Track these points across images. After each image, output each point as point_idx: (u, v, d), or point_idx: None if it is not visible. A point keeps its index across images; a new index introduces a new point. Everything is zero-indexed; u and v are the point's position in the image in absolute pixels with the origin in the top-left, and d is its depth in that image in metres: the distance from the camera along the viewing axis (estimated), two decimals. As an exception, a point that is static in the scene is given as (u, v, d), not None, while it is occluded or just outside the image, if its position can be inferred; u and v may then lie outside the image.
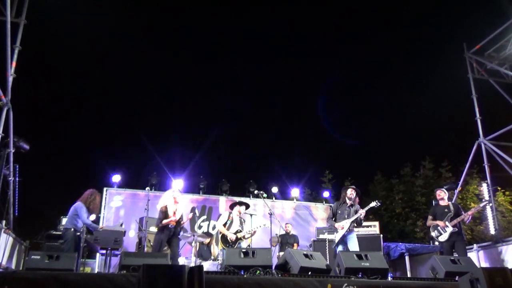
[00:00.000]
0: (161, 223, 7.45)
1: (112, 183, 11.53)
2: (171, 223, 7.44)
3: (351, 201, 7.84)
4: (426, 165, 18.39)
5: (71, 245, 7.28)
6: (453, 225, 7.70)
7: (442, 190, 8.26)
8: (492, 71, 13.01)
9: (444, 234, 7.74)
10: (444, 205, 8.06)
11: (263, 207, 11.99)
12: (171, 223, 7.43)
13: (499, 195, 16.31)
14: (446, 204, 8.04)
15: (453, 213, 7.82)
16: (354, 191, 7.92)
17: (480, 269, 4.71)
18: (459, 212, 7.89)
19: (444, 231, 7.74)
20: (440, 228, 7.80)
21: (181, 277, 3.78)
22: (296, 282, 4.90)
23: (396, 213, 17.69)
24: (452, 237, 7.68)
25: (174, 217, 7.46)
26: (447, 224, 7.74)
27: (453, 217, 7.79)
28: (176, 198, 7.70)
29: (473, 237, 15.59)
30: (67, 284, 4.34)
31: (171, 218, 7.44)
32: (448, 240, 7.69)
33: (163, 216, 7.49)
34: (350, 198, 7.84)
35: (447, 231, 7.71)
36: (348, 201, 7.83)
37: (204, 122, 25.83)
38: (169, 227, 7.44)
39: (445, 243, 7.73)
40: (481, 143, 12.21)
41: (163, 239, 7.38)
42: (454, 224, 7.70)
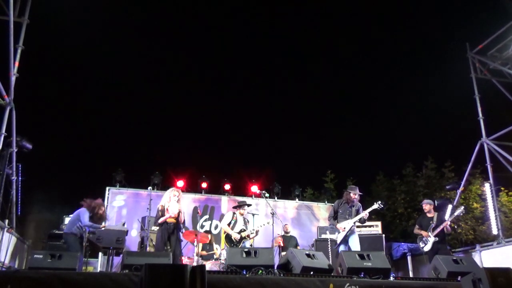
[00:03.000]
0: (158, 221, 7.54)
1: (115, 182, 11.56)
2: (168, 220, 7.47)
3: (352, 202, 7.89)
4: (428, 165, 18.34)
5: (73, 247, 7.29)
6: (435, 235, 8.25)
7: (427, 204, 8.85)
8: (495, 71, 12.98)
9: (428, 244, 8.33)
10: (430, 216, 8.64)
11: (265, 207, 12.00)
12: (167, 220, 7.47)
13: (502, 195, 16.25)
14: (431, 216, 8.61)
15: (435, 224, 8.40)
16: (358, 196, 7.98)
17: (483, 269, 4.72)
18: (441, 222, 8.41)
19: (427, 241, 8.33)
20: (424, 239, 8.39)
21: (183, 276, 3.79)
22: (298, 282, 4.90)
23: (398, 213, 17.64)
24: (434, 246, 8.24)
25: (168, 214, 7.49)
26: (429, 234, 8.31)
27: (434, 227, 8.34)
28: (174, 197, 7.71)
29: (475, 237, 15.54)
30: (69, 283, 4.35)
31: (166, 216, 7.48)
32: (432, 249, 8.23)
33: (160, 214, 7.57)
34: (353, 201, 7.88)
35: (429, 241, 8.29)
36: (350, 202, 7.89)
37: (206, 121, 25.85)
38: (168, 224, 7.47)
39: (429, 252, 8.27)
40: (484, 143, 12.18)
41: (164, 237, 7.42)
42: (436, 234, 8.25)
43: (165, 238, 7.42)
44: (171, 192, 7.80)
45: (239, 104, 25.70)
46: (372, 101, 24.87)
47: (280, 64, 26.01)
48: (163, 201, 7.71)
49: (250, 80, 25.39)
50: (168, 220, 7.49)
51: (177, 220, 7.58)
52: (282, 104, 26.36)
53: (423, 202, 9.02)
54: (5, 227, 8.41)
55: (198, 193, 12.47)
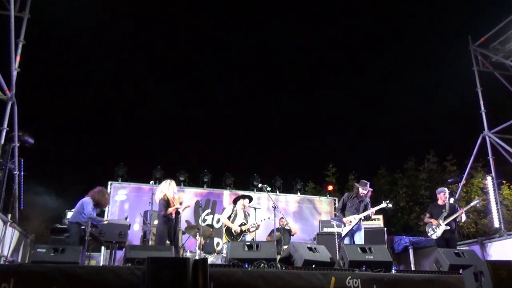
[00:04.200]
0: (166, 212, 7.41)
1: (117, 176, 11.57)
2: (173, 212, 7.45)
3: (362, 197, 7.90)
4: (430, 158, 18.33)
5: (76, 239, 7.32)
6: (446, 224, 8.04)
7: (444, 192, 8.52)
8: (497, 64, 12.93)
9: (437, 232, 8.10)
10: (441, 204, 8.38)
11: (267, 201, 12.01)
12: (173, 212, 7.44)
13: (504, 188, 16.24)
14: (443, 204, 8.36)
15: (447, 213, 8.16)
16: (368, 192, 7.99)
17: (484, 262, 4.71)
18: (454, 211, 8.20)
19: (438, 229, 8.11)
20: (434, 226, 8.16)
21: (186, 269, 3.80)
22: (300, 275, 4.91)
23: (400, 206, 17.66)
24: (445, 234, 8.03)
25: (177, 205, 7.46)
26: (440, 222, 8.09)
27: (446, 216, 8.12)
28: (175, 187, 7.70)
29: (477, 230, 15.56)
30: (72, 277, 4.37)
31: (176, 206, 7.45)
32: (441, 237, 8.04)
33: (167, 204, 7.45)
34: (361, 196, 7.89)
35: (439, 229, 8.07)
36: (359, 197, 7.90)
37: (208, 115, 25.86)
38: (171, 216, 7.46)
39: (438, 240, 8.10)
40: (486, 136, 12.16)
41: (168, 230, 7.37)
42: (448, 223, 8.04)
43: (167, 231, 7.39)
44: (172, 183, 7.75)
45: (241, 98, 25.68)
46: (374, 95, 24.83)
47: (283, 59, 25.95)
48: (168, 191, 7.64)
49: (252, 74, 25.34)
50: (173, 211, 7.48)
51: (178, 211, 7.58)
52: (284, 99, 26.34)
53: (440, 190, 8.60)
54: (8, 221, 8.44)
55: (200, 187, 12.48)
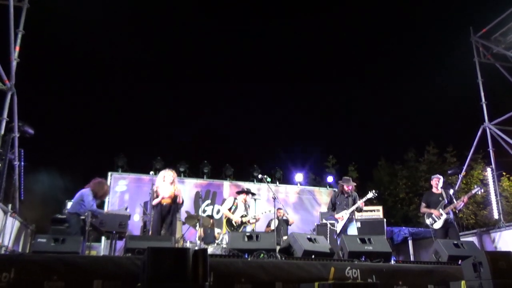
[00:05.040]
0: (153, 203, 7.49)
1: (117, 167, 11.58)
2: (163, 202, 7.46)
3: (347, 193, 8.00)
4: (430, 150, 18.34)
5: (76, 229, 7.34)
6: (446, 213, 7.86)
7: (438, 178, 8.33)
8: (499, 55, 12.87)
9: (438, 222, 7.91)
10: (437, 193, 8.18)
11: (267, 192, 12.03)
12: (162, 202, 7.46)
13: (503, 180, 16.28)
14: (439, 192, 8.17)
15: (446, 201, 7.97)
16: (352, 187, 8.05)
17: (483, 253, 4.73)
18: (452, 199, 8.06)
19: (439, 219, 7.91)
20: (435, 216, 7.96)
21: (186, 259, 3.81)
22: (300, 265, 4.94)
23: (400, 198, 17.72)
24: (446, 224, 7.84)
25: (160, 196, 7.48)
26: (441, 212, 7.89)
27: (446, 204, 7.94)
28: (168, 178, 7.69)
29: (476, 221, 15.62)
30: (73, 266, 4.39)
31: (159, 198, 7.48)
32: (442, 227, 7.86)
33: (155, 196, 7.52)
34: (347, 192, 8.00)
35: (441, 219, 7.87)
36: (345, 193, 8.00)
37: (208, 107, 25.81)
38: (163, 206, 7.47)
39: (439, 230, 7.90)
40: (486, 127, 12.14)
41: (158, 218, 7.40)
42: (448, 212, 7.87)
43: (159, 221, 7.42)
44: (164, 173, 7.78)
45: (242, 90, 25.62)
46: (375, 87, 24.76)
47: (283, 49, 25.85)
48: (157, 183, 7.68)
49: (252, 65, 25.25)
50: (163, 201, 7.49)
51: (173, 201, 7.58)
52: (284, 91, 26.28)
53: (434, 177, 8.43)
54: (8, 212, 8.45)
55: (200, 178, 12.50)
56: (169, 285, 3.66)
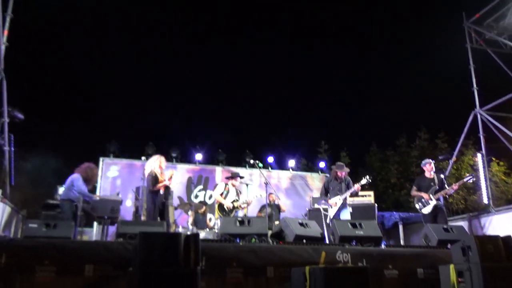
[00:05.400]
0: (154, 188, 7.41)
1: (108, 153, 11.52)
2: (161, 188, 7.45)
3: (340, 178, 7.98)
4: (422, 136, 18.43)
5: (68, 215, 7.32)
6: (436, 198, 7.86)
7: (430, 163, 8.32)
8: (491, 41, 12.89)
9: (427, 207, 7.92)
10: (429, 177, 8.17)
11: (259, 177, 12.06)
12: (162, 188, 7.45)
13: (493, 165, 16.43)
14: (431, 177, 8.15)
15: (437, 186, 7.97)
16: (345, 173, 8.04)
17: (472, 237, 4.79)
18: (443, 185, 8.05)
19: (428, 204, 7.91)
20: (424, 201, 7.97)
21: (178, 244, 3.83)
22: (291, 250, 4.98)
23: (391, 183, 17.84)
24: (435, 209, 7.86)
25: (168, 182, 7.45)
26: (431, 197, 7.89)
27: (437, 190, 7.94)
28: (163, 163, 7.67)
29: (466, 206, 15.79)
30: (65, 251, 4.39)
31: (165, 182, 7.45)
32: (431, 213, 7.87)
33: (154, 180, 7.44)
34: (340, 178, 7.97)
35: (430, 204, 7.88)
36: (339, 179, 7.98)
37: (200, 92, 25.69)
38: (160, 193, 7.47)
39: (428, 215, 7.91)
40: (477, 113, 12.21)
41: (157, 204, 7.38)
42: (438, 198, 7.87)
43: (160, 207, 7.41)
44: (159, 158, 7.72)
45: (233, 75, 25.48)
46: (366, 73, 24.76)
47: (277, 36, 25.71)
48: (155, 166, 7.59)
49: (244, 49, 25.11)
50: (161, 188, 7.48)
51: (167, 187, 7.58)
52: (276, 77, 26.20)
53: (425, 162, 8.42)
54: (-1, 197, 8.41)
55: (192, 164, 12.48)
56: (160, 270, 3.68)
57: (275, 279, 4.79)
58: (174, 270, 3.72)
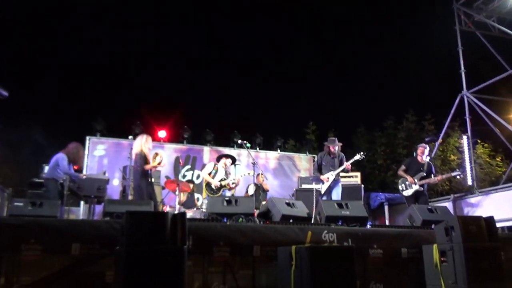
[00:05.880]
0: (143, 168, 7.35)
1: (95, 131, 11.41)
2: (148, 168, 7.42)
3: (334, 154, 7.96)
4: (409, 117, 18.54)
5: (54, 193, 7.26)
6: (420, 184, 7.96)
7: (426, 147, 8.38)
8: (479, 23, 12.92)
9: (409, 190, 8.05)
10: (421, 162, 8.23)
11: (247, 157, 12.07)
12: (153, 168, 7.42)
13: (478, 147, 16.65)
14: (422, 162, 8.21)
15: (425, 173, 8.05)
16: (338, 148, 8.02)
17: (455, 218, 4.86)
18: (430, 173, 8.12)
19: (410, 187, 8.03)
20: (408, 183, 8.07)
21: (164, 223, 3.83)
22: (278, 229, 5.01)
23: (378, 164, 17.99)
24: (416, 194, 7.98)
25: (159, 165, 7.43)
26: (415, 181, 7.98)
27: (423, 177, 8.02)
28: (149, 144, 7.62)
29: (451, 188, 16.03)
30: (51, 230, 4.36)
31: (155, 164, 7.41)
32: (412, 196, 8.01)
33: (143, 160, 7.38)
34: (333, 153, 7.95)
35: (412, 188, 8.00)
36: (332, 154, 7.96)
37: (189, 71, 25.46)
38: (148, 172, 7.44)
39: (409, 197, 8.05)
40: (464, 96, 12.29)
41: (145, 186, 7.34)
42: (421, 184, 7.97)
43: (148, 188, 7.38)
44: (147, 138, 7.67)
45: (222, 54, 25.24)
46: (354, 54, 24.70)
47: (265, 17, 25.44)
48: (144, 148, 7.54)
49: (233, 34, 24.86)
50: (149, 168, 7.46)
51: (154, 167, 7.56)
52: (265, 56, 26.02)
53: (421, 145, 8.45)
54: (-17, 176, 8.32)
55: (180, 143, 12.43)
56: (147, 248, 3.69)
57: (261, 258, 4.83)
58: (161, 249, 3.73)
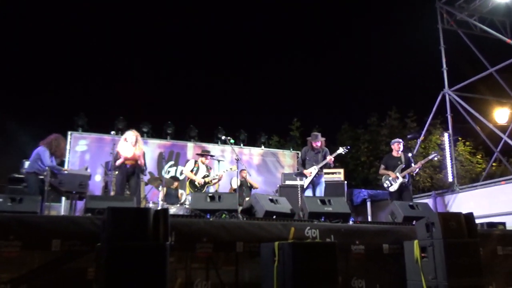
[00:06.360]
0: (115, 164, 7.41)
1: (77, 126, 11.28)
2: (126, 163, 7.39)
3: (317, 149, 7.99)
4: (392, 115, 18.71)
5: (35, 188, 7.14)
6: (403, 176, 8.06)
7: (399, 143, 8.49)
8: (462, 22, 13.09)
9: (394, 185, 8.12)
10: (396, 156, 8.36)
11: (231, 153, 12.06)
12: (126, 163, 7.38)
13: (459, 145, 16.89)
14: (398, 156, 8.34)
15: (404, 164, 8.17)
16: (321, 143, 8.05)
17: (436, 214, 4.93)
18: (409, 163, 8.25)
19: (395, 182, 8.11)
20: (391, 179, 8.16)
21: (146, 219, 3.80)
22: (261, 225, 5.01)
23: (361, 161, 18.12)
24: (401, 187, 8.07)
25: (122, 157, 7.38)
26: (397, 175, 8.09)
27: (404, 168, 8.14)
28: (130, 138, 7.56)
29: (432, 184, 16.23)
30: (30, 226, 4.29)
31: (121, 158, 7.38)
32: (397, 190, 8.10)
33: (118, 157, 7.44)
34: (316, 148, 7.99)
35: (397, 182, 8.08)
36: (315, 149, 7.99)
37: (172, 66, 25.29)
38: (126, 167, 7.40)
39: (394, 192, 8.14)
40: (446, 94, 12.46)
41: (123, 180, 7.36)
42: (404, 175, 8.07)
43: (124, 181, 7.36)
44: (126, 134, 7.66)
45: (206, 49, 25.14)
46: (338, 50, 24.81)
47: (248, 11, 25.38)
48: (119, 144, 7.57)
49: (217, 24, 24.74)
50: (126, 162, 7.40)
51: (136, 163, 7.49)
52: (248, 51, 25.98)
53: (395, 140, 8.59)
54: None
55: (163, 139, 12.36)
56: (129, 244, 3.65)
57: (244, 254, 4.83)
58: (143, 245, 3.70)
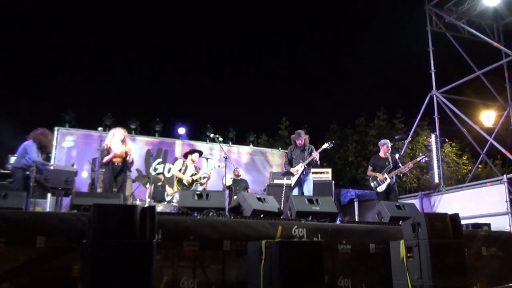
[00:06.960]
0: (103, 161, 7.32)
1: (64, 122, 11.16)
2: (114, 160, 7.33)
3: (302, 146, 8.00)
4: (380, 116, 18.82)
5: (20, 184, 7.05)
6: (390, 177, 8.16)
7: (386, 144, 8.57)
8: (450, 25, 13.20)
9: (382, 185, 8.21)
10: (384, 157, 8.46)
11: (219, 152, 12.04)
12: (113, 160, 7.32)
13: (446, 146, 17.07)
14: (385, 157, 8.45)
15: (392, 166, 8.29)
16: (304, 141, 8.06)
17: (422, 215, 4.98)
18: (397, 165, 8.36)
19: (383, 183, 8.20)
20: (379, 180, 8.25)
21: (133, 216, 3.77)
22: (248, 224, 5.01)
23: (349, 161, 18.21)
24: (388, 188, 8.18)
25: (112, 153, 7.31)
26: (385, 176, 8.19)
27: (392, 169, 8.25)
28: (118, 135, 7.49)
29: (419, 185, 16.37)
30: (15, 222, 4.24)
31: (110, 155, 7.32)
32: (384, 191, 8.20)
33: (106, 153, 7.34)
34: (300, 145, 8.00)
35: (385, 183, 8.18)
36: (300, 147, 8.00)
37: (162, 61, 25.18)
38: (115, 164, 7.34)
39: (382, 193, 8.23)
40: (434, 95, 12.57)
41: (110, 177, 7.27)
42: (392, 176, 8.17)
43: (111, 178, 7.28)
44: (114, 130, 7.58)
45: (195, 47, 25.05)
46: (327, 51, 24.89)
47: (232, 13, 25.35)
48: (107, 140, 7.48)
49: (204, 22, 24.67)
50: (114, 160, 7.33)
51: (124, 160, 7.43)
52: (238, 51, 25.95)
53: (383, 142, 8.65)
54: None
55: (151, 136, 12.28)
56: (115, 241, 3.62)
57: (231, 253, 4.82)
58: (129, 243, 3.67)
